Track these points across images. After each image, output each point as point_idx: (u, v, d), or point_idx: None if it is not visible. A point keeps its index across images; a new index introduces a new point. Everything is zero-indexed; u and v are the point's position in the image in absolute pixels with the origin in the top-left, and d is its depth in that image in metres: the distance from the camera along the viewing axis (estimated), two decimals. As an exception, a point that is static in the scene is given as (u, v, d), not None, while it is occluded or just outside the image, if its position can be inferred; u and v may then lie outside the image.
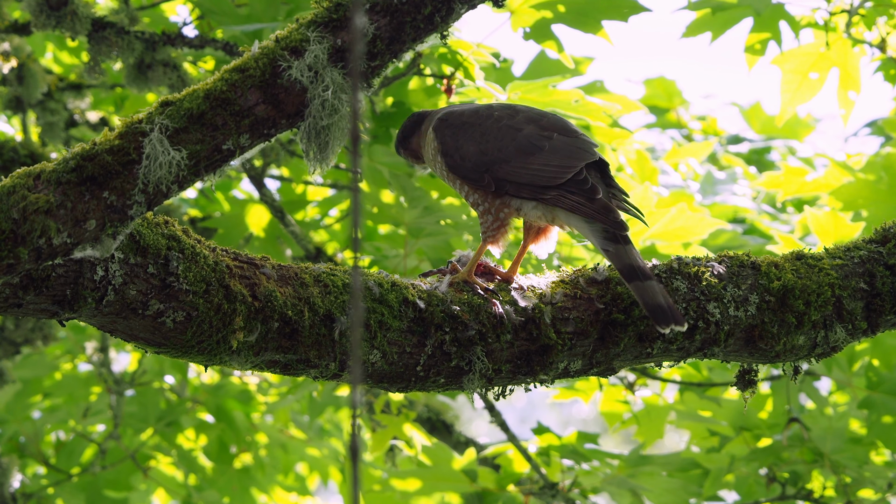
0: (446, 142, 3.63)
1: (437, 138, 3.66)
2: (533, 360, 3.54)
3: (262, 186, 6.10)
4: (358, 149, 2.77)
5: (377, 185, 5.83)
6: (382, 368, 3.48)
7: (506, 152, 3.56)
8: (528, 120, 3.61)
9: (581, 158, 3.53)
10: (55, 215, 3.13)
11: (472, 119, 3.64)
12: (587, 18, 5.43)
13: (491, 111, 3.64)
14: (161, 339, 3.33)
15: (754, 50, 6.25)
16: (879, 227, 3.73)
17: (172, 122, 3.20)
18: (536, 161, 3.54)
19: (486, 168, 3.56)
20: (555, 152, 3.54)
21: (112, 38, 5.44)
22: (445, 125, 3.66)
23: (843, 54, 6.23)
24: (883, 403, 6.46)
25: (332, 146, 3.31)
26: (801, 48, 6.23)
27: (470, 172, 3.58)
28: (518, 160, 3.55)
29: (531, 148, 3.55)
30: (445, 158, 3.63)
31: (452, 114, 3.68)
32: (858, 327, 3.65)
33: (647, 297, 3.42)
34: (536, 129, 3.58)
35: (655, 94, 9.23)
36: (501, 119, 3.61)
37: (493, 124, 3.60)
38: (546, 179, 3.52)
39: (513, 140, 3.57)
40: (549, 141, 3.56)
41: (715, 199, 7.99)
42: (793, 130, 8.94)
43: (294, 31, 3.27)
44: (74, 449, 7.98)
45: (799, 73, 6.28)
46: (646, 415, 6.77)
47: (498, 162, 3.56)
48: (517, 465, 6.55)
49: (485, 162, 3.56)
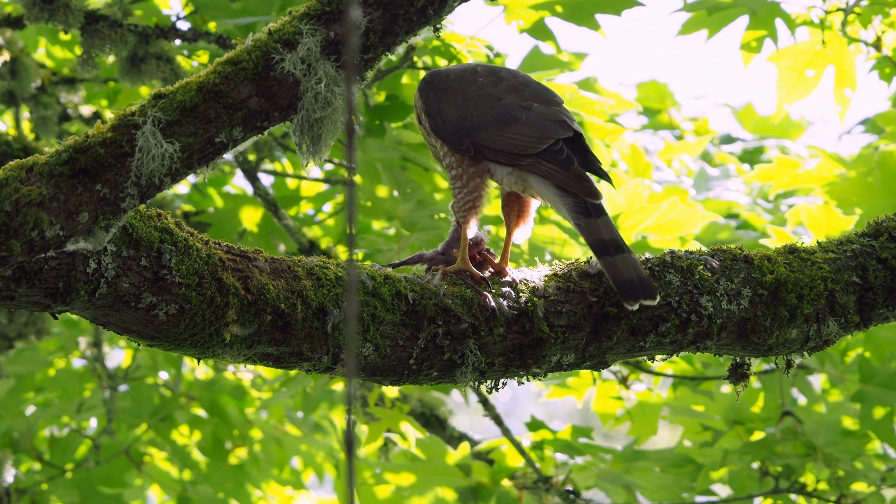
0: (430, 103, 3.69)
1: (421, 98, 3.72)
2: (526, 354, 3.55)
3: (255, 181, 6.10)
4: (353, 142, 2.77)
5: (371, 179, 5.83)
6: (375, 361, 3.49)
7: (484, 120, 3.62)
8: (509, 89, 3.67)
9: (556, 133, 3.59)
10: (48, 208, 3.12)
11: (456, 83, 3.69)
12: (581, 12, 5.44)
13: (475, 76, 3.70)
14: (154, 332, 3.33)
15: (750, 48, 6.26)
16: (872, 221, 3.74)
17: (165, 115, 3.19)
18: (512, 130, 3.60)
19: (465, 133, 3.62)
20: (530, 124, 3.60)
21: (105, 32, 5.43)
22: (430, 87, 3.72)
23: (838, 52, 6.24)
24: (876, 396, 6.47)
25: (325, 139, 3.31)
26: (797, 46, 6.24)
27: (450, 136, 3.64)
28: (495, 128, 3.60)
29: (508, 118, 3.61)
30: (429, 119, 3.68)
31: (438, 76, 3.75)
32: (851, 321, 3.65)
33: (616, 272, 3.45)
34: (516, 99, 3.64)
35: (647, 97, 9.26)
36: (484, 86, 3.66)
37: (475, 91, 3.66)
38: (521, 148, 3.58)
39: (492, 108, 3.63)
40: (527, 112, 3.61)
41: (708, 195, 8.01)
42: (785, 131, 8.96)
43: (287, 24, 3.27)
44: (69, 444, 7.98)
45: (795, 70, 6.29)
46: (639, 411, 6.77)
47: (476, 128, 3.62)
48: (510, 460, 6.56)
49: (465, 127, 3.63)
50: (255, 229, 7.06)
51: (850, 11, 6.03)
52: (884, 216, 3.73)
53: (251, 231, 7.02)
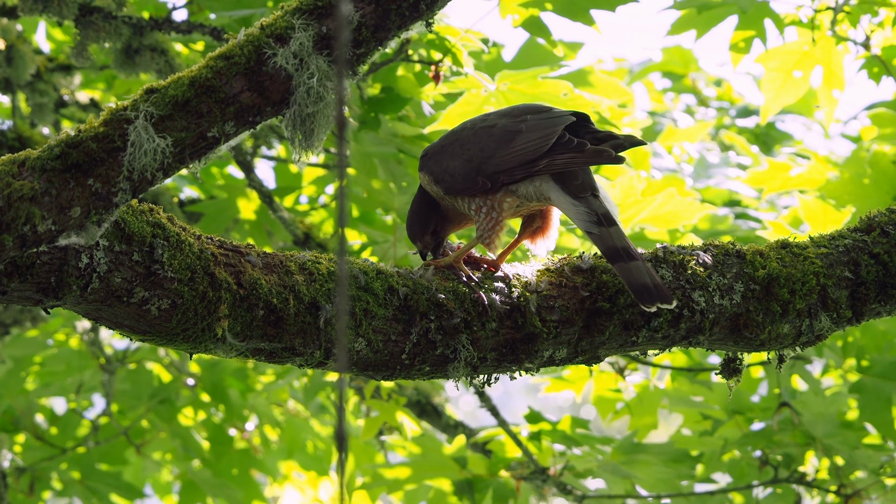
0: (434, 170, 3.68)
1: (425, 172, 3.72)
2: (518, 349, 3.55)
3: (250, 172, 6.09)
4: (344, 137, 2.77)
5: (366, 171, 5.83)
6: (367, 356, 3.49)
7: (487, 150, 3.62)
8: (499, 115, 3.69)
9: (558, 125, 3.59)
10: (40, 202, 3.13)
11: (449, 139, 3.72)
12: (576, 7, 5.42)
13: (464, 126, 3.73)
14: (146, 327, 3.33)
15: (739, 48, 6.24)
16: (864, 216, 3.73)
17: (157, 110, 3.19)
18: (517, 143, 3.60)
19: (475, 172, 3.61)
20: (532, 130, 3.60)
21: (99, 23, 5.42)
22: (428, 158, 3.73)
23: (826, 52, 6.22)
24: (874, 387, 6.47)
25: (318, 133, 3.31)
26: (785, 46, 6.22)
27: (463, 183, 3.63)
28: (500, 150, 3.59)
29: (508, 136, 3.61)
30: (439, 185, 3.67)
31: (431, 147, 3.77)
32: (843, 316, 3.65)
33: (631, 277, 3.46)
34: (509, 120, 3.65)
35: (671, 61, 9.27)
36: (475, 125, 3.68)
37: (468, 133, 3.67)
38: (532, 153, 3.56)
39: (490, 137, 3.63)
40: (525, 123, 3.62)
41: (708, 183, 7.99)
42: (807, 105, 8.87)
43: (279, 19, 3.27)
44: (69, 423, 7.99)
45: (782, 71, 6.27)
46: (638, 403, 6.77)
47: (483, 161, 3.61)
48: (508, 450, 6.56)
49: (472, 168, 3.62)
50: (253, 216, 7.06)
51: (839, 10, 6.01)
52: (876, 211, 3.73)
53: (248, 220, 7.01)
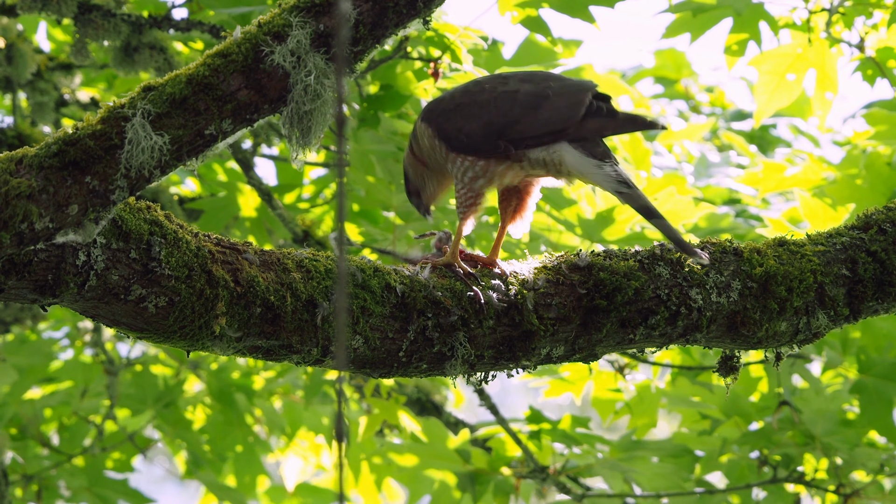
0: (442, 127, 3.61)
1: (430, 125, 3.64)
2: (515, 346, 3.55)
3: (249, 170, 6.09)
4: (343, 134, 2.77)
5: (364, 169, 5.83)
6: (365, 354, 3.49)
7: (511, 116, 3.55)
8: (520, 81, 3.61)
9: (586, 90, 3.54)
10: (37, 200, 3.13)
11: (464, 98, 3.63)
12: (575, 4, 5.42)
13: (480, 86, 3.64)
14: (143, 325, 3.33)
15: (733, 51, 6.23)
16: (862, 214, 3.73)
17: (154, 107, 3.20)
18: (545, 109, 3.54)
19: (497, 136, 3.55)
20: (560, 95, 3.54)
21: (98, 21, 5.42)
22: (435, 113, 3.64)
23: (820, 55, 6.21)
24: (874, 387, 6.46)
25: (315, 131, 3.31)
26: (779, 49, 6.21)
27: (481, 146, 3.55)
28: (527, 117, 3.54)
29: (535, 102, 3.55)
30: (446, 143, 3.61)
31: (439, 101, 3.68)
32: (840, 314, 3.65)
33: (671, 232, 3.48)
34: (532, 87, 3.58)
35: (664, 65, 9.23)
36: (495, 89, 3.60)
37: (488, 96, 3.59)
38: (563, 120, 3.52)
39: (514, 102, 3.56)
40: (550, 89, 3.56)
41: (709, 182, 7.99)
42: (800, 109, 8.87)
43: (276, 16, 3.27)
44: (76, 431, 7.98)
45: (776, 74, 6.26)
46: (638, 402, 6.76)
47: (508, 126, 3.54)
48: (508, 449, 6.56)
49: (494, 131, 3.55)
50: (254, 214, 7.05)
51: (834, 12, 6.00)
52: (873, 209, 3.73)
53: (248, 217, 7.01)
